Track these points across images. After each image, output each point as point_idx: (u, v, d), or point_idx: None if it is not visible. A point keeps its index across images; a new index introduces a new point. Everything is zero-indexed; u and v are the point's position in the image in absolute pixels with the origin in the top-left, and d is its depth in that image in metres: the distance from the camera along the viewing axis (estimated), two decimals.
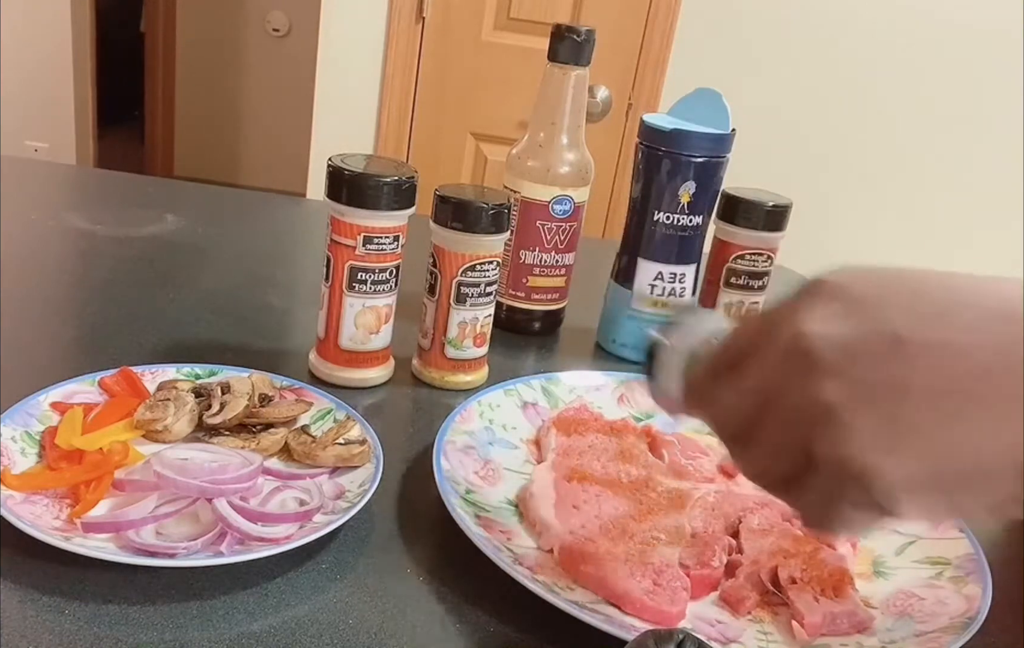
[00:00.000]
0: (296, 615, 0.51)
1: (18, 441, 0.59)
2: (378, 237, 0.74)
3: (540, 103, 0.91)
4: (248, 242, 1.17)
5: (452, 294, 0.78)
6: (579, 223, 0.93)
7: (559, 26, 0.88)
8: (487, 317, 0.81)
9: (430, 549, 0.59)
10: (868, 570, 0.62)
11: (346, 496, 0.60)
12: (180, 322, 0.87)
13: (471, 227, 0.76)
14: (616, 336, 0.94)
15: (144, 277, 0.98)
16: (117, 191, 1.33)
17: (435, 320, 0.79)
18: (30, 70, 3.82)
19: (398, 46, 2.41)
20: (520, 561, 0.56)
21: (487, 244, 0.77)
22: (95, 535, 0.53)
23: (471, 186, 0.81)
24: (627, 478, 0.66)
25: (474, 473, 0.65)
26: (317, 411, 0.69)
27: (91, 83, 4.02)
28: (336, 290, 0.76)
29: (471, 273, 0.77)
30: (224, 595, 0.51)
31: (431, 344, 0.80)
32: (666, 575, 0.56)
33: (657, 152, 0.87)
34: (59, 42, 3.82)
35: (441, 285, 0.78)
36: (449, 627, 0.52)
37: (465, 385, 0.81)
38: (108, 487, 0.57)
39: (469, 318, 0.79)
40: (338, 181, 0.73)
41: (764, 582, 0.57)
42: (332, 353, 0.78)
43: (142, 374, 0.69)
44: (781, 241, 0.94)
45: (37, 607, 0.48)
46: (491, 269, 0.78)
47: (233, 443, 0.63)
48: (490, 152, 2.50)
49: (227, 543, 0.53)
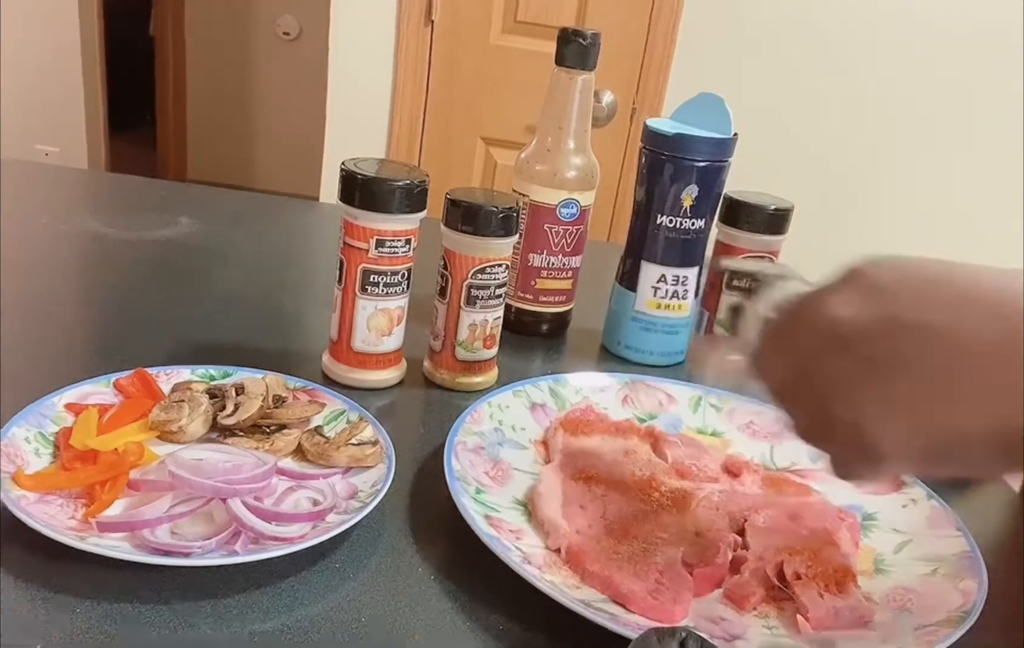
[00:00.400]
0: (309, 614, 0.51)
1: (32, 442, 0.60)
2: (390, 240, 0.75)
3: (547, 108, 0.92)
4: (261, 245, 1.18)
5: (463, 296, 0.79)
6: (585, 226, 0.94)
7: (565, 30, 0.89)
8: (497, 319, 0.82)
9: (441, 548, 0.60)
10: (870, 567, 0.63)
11: (359, 496, 0.60)
12: (194, 324, 0.88)
13: (481, 230, 0.77)
14: (621, 338, 0.95)
15: (159, 280, 0.99)
16: (130, 195, 1.34)
17: (446, 322, 0.80)
18: (39, 74, 3.83)
19: (408, 49, 2.41)
20: (529, 560, 0.56)
21: (497, 247, 0.78)
22: (110, 534, 0.53)
23: (481, 190, 0.82)
24: (632, 478, 0.67)
25: (484, 473, 0.66)
26: (330, 412, 0.70)
27: (101, 87, 4.03)
28: (349, 293, 0.77)
29: (481, 275, 0.78)
30: (238, 594, 0.52)
31: (442, 346, 0.81)
32: (669, 574, 0.56)
33: (660, 156, 0.88)
34: (68, 46, 3.83)
35: (452, 288, 0.79)
36: (460, 624, 0.53)
37: (476, 386, 0.82)
38: (123, 487, 0.57)
39: (479, 320, 0.80)
40: (351, 184, 0.74)
41: (770, 577, 0.58)
42: (345, 355, 0.79)
43: (157, 375, 0.70)
44: (783, 244, 0.95)
45: (51, 606, 0.49)
46: (501, 272, 0.79)
47: (247, 444, 0.64)
48: (499, 156, 2.51)
49: (241, 542, 0.54)
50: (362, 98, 2.48)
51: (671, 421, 0.79)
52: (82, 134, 3.97)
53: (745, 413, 0.80)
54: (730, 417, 0.80)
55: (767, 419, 0.79)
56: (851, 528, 0.65)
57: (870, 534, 0.67)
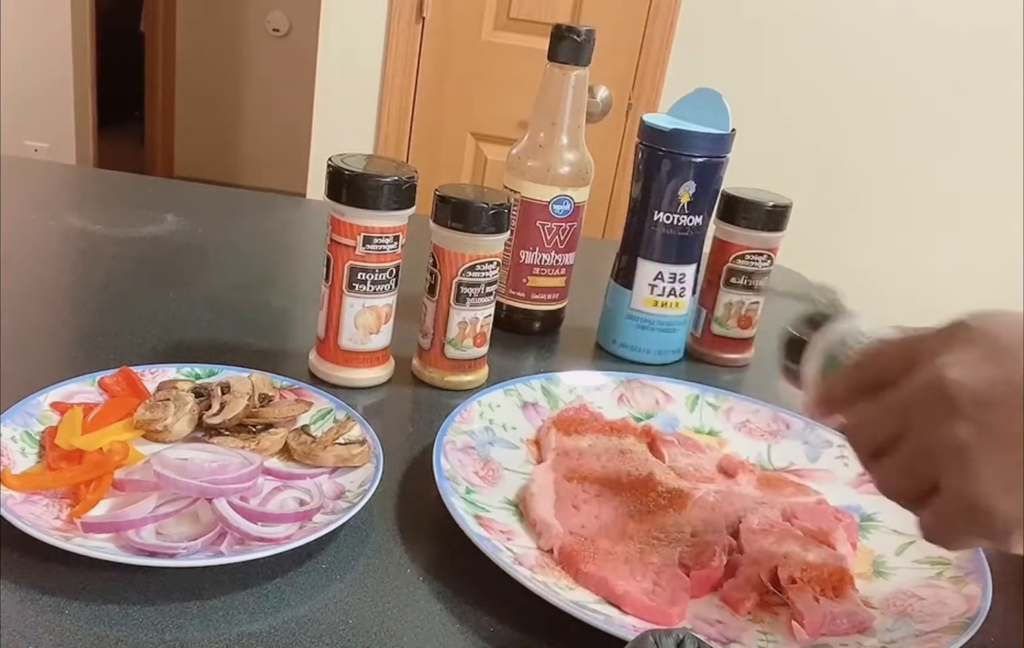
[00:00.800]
0: (296, 615, 0.51)
1: (18, 441, 0.59)
2: (378, 237, 0.74)
3: (540, 103, 0.91)
4: (248, 242, 1.17)
5: (452, 294, 0.78)
6: (579, 223, 0.93)
7: (559, 26, 0.88)
8: (487, 317, 0.81)
9: (430, 549, 0.59)
10: (868, 570, 0.62)
11: (346, 496, 0.60)
12: (180, 322, 0.87)
13: (471, 227, 0.76)
14: (616, 336, 0.94)
15: (144, 277, 0.98)
16: (117, 191, 1.33)
17: (435, 320, 0.79)
18: (30, 70, 3.82)
19: (398, 46, 2.41)
20: (520, 561, 0.56)
21: (487, 244, 0.77)
22: (95, 535, 0.53)
23: (471, 186, 0.81)
24: (627, 478, 0.66)
25: (474, 473, 0.65)
26: (317, 411, 0.69)
27: (91, 83, 4.02)
28: (336, 290, 0.76)
29: (471, 273, 0.77)
30: (224, 595, 0.51)
31: (431, 344, 0.80)
32: (666, 575, 0.56)
33: (657, 152, 0.87)
34: (59, 42, 3.82)
35: (441, 285, 0.78)
36: (449, 627, 0.52)
37: (465, 385, 0.81)
38: (108, 487, 0.57)
39: (469, 318, 0.79)
40: (338, 181, 0.73)
41: (764, 582, 0.57)
42: (332, 353, 0.78)
43: (142, 374, 0.69)
44: (781, 241, 0.94)
45: (37, 607, 0.48)
46: (491, 269, 0.78)
47: (233, 443, 0.63)
48: (490, 152, 2.50)
49: (227, 543, 0.53)
50: (351, 94, 2.47)
51: (667, 420, 0.78)
52: (71, 130, 3.96)
53: (742, 412, 0.79)
54: (727, 416, 0.79)
55: (764, 418, 0.78)
56: (848, 529, 0.64)
57: (869, 535, 0.66)
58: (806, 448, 0.75)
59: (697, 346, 0.97)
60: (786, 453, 0.75)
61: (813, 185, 2.41)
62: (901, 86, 2.37)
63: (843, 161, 2.45)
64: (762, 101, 2.37)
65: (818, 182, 2.44)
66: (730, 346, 0.96)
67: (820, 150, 2.44)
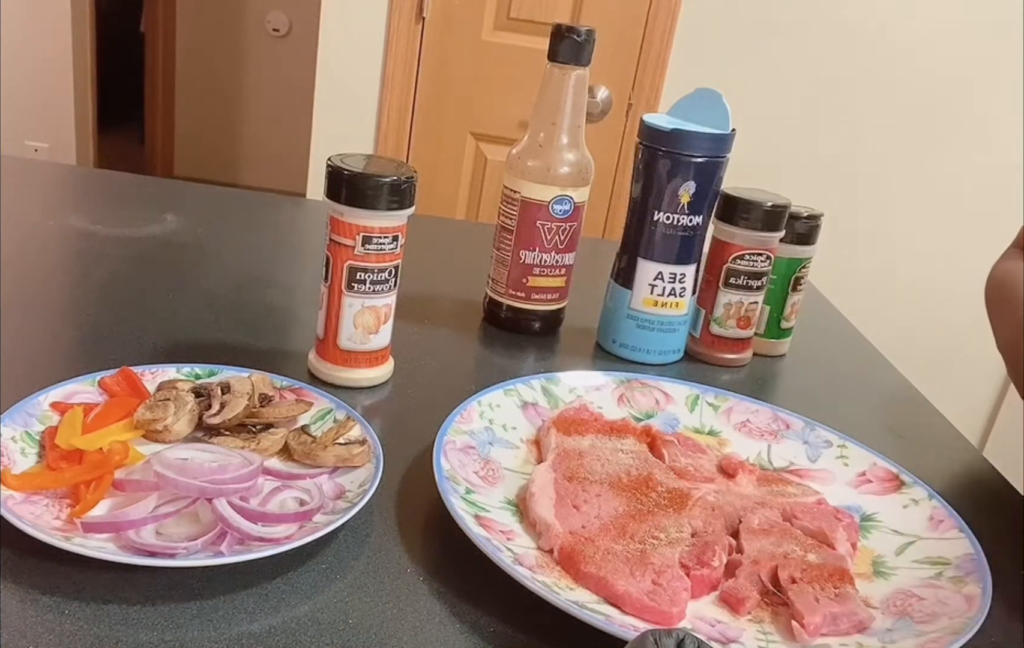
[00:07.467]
0: (296, 615, 0.51)
1: (18, 441, 0.59)
2: (377, 237, 0.74)
3: (540, 103, 0.91)
4: (248, 242, 1.17)
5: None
6: (579, 223, 0.93)
7: (559, 26, 0.88)
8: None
9: (430, 549, 0.59)
10: (868, 570, 0.62)
11: (346, 496, 0.60)
12: (180, 322, 0.87)
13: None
14: (616, 336, 0.94)
15: (144, 277, 0.98)
16: (117, 191, 1.33)
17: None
18: (30, 70, 3.82)
19: (398, 46, 2.41)
20: (520, 561, 0.55)
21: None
22: (95, 535, 0.53)
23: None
24: (627, 478, 0.66)
25: (474, 473, 0.65)
26: (317, 411, 0.69)
27: (91, 83, 4.02)
28: (335, 290, 0.76)
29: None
30: (224, 595, 0.51)
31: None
32: (666, 575, 0.55)
33: (657, 152, 0.87)
34: (59, 42, 3.82)
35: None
36: (449, 627, 0.52)
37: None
38: (108, 487, 0.57)
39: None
40: (337, 181, 0.73)
41: (764, 582, 0.57)
42: (331, 353, 0.78)
43: (142, 374, 0.69)
44: (780, 241, 0.94)
45: (37, 607, 0.48)
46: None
47: (233, 443, 0.63)
48: (490, 152, 2.50)
49: (227, 543, 0.53)
50: (350, 94, 2.47)
51: (667, 420, 0.78)
52: (71, 130, 3.96)
53: (742, 412, 0.79)
54: (727, 416, 0.79)
55: (763, 418, 0.78)
56: (848, 529, 0.64)
57: (869, 535, 0.66)
58: (806, 448, 0.75)
59: (695, 346, 0.97)
60: (786, 453, 0.75)
61: (813, 185, 2.41)
62: (902, 86, 2.37)
63: (843, 161, 2.45)
64: (762, 101, 2.37)
65: (818, 182, 2.44)
66: (729, 346, 0.96)
67: (820, 149, 2.44)
